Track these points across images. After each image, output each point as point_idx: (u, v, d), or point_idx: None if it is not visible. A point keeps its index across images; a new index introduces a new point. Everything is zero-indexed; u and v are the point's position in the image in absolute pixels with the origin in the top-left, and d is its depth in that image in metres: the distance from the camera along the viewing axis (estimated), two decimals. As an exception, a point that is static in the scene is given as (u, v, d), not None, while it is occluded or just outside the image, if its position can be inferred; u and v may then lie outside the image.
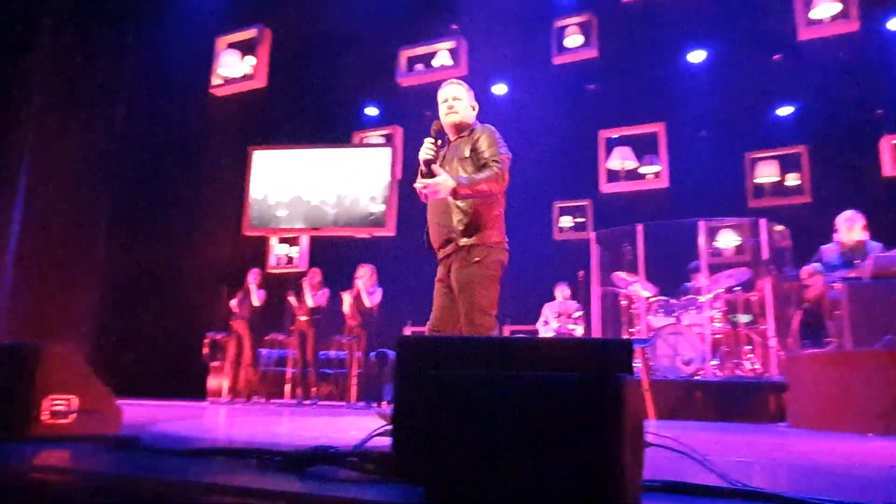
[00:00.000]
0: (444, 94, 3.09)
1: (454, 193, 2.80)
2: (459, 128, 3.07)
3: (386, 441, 1.69)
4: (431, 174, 2.88)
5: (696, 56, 8.49)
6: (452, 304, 3.02)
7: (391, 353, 7.84)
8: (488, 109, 9.78)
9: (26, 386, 2.00)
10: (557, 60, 8.16)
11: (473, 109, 3.11)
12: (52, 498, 1.58)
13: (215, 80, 8.46)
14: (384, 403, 7.42)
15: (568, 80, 8.42)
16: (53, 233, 7.41)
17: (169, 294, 8.59)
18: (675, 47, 8.49)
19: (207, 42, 8.53)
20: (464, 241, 2.91)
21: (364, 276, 7.32)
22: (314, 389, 7.40)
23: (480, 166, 2.91)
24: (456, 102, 3.05)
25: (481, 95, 3.28)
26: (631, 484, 1.12)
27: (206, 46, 8.53)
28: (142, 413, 4.07)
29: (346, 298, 7.36)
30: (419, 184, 2.85)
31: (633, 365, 1.86)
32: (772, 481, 1.91)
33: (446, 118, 3.06)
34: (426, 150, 2.96)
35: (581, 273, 7.27)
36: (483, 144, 2.93)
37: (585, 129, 8.63)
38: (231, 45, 8.45)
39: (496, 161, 2.88)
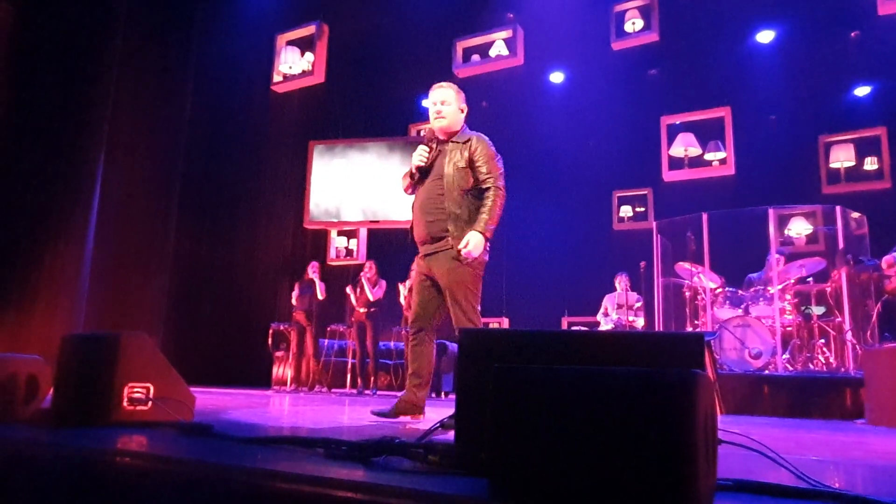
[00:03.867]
0: (433, 97, 3.15)
1: (488, 236, 2.98)
2: (449, 131, 3.13)
3: (448, 433, 1.70)
4: (422, 179, 3.10)
5: (764, 36, 8.13)
6: (433, 299, 3.16)
7: (450, 345, 7.88)
8: (545, 98, 9.73)
9: (108, 374, 2.11)
10: (616, 46, 7.97)
11: (462, 112, 3.18)
12: (133, 481, 1.65)
13: (276, 78, 8.66)
14: (443, 394, 7.47)
15: (628, 66, 8.23)
16: (127, 227, 7.77)
17: (233, 286, 8.89)
18: (741, 27, 8.15)
19: (268, 40, 8.74)
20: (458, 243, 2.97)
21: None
22: (373, 380, 7.52)
23: (479, 181, 3.03)
24: (444, 107, 3.11)
25: (538, 84, 3.29)
26: (704, 483, 1.09)
27: (266, 45, 8.75)
28: (210, 401, 4.23)
29: (403, 290, 7.43)
30: (462, 246, 2.96)
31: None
32: (851, 482, 1.82)
33: (435, 122, 3.13)
34: (419, 156, 3.10)
35: (643, 264, 7.11)
36: (480, 160, 3.03)
37: (646, 116, 8.41)
38: (290, 43, 8.63)
39: (495, 182, 3.01)
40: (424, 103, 3.24)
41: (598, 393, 1.06)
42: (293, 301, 7.91)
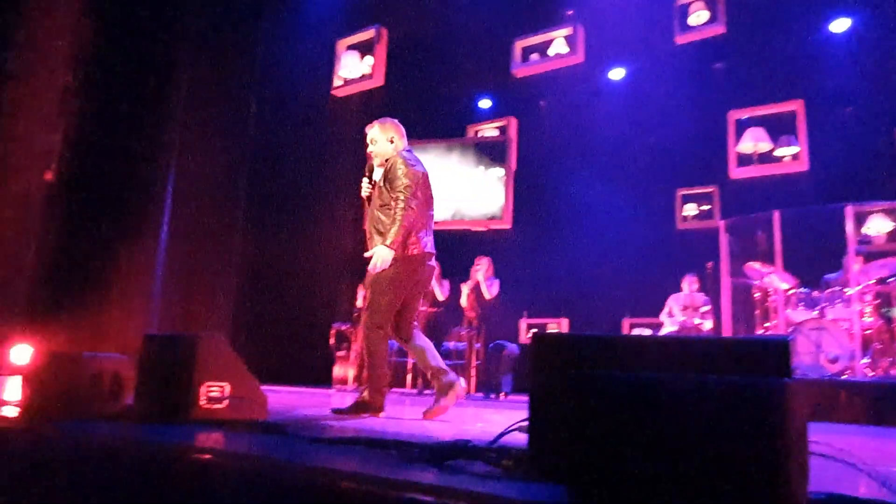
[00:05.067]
0: (368, 138, 3.64)
1: (395, 249, 3.30)
2: (381, 161, 3.57)
3: (520, 437, 1.69)
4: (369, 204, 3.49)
5: (839, 25, 7.73)
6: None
7: (509, 345, 7.84)
8: (605, 96, 9.56)
9: (187, 373, 2.19)
10: (680, 40, 7.73)
11: (392, 142, 3.57)
12: (211, 477, 1.71)
13: (336, 82, 8.82)
14: (502, 395, 7.44)
15: (692, 60, 7.98)
16: (196, 231, 8.07)
17: (296, 286, 9.10)
18: (814, 16, 7.78)
19: (328, 46, 8.91)
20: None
21: (482, 267, 7.36)
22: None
23: (391, 197, 3.36)
24: (373, 146, 3.58)
25: (598, 82, 3.29)
26: (795, 497, 1.04)
27: (327, 50, 8.92)
28: (277, 399, 4.32)
29: (464, 290, 7.44)
30: (369, 254, 3.39)
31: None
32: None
33: (372, 159, 3.62)
34: (364, 188, 3.59)
35: (710, 264, 6.88)
36: (392, 175, 3.39)
37: (712, 112, 8.14)
38: (350, 48, 8.77)
39: (399, 194, 3.31)
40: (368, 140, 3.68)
41: (688, 401, 1.02)
42: (360, 301, 8.03)
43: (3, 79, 6.55)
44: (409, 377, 8.06)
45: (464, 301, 7.46)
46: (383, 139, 3.56)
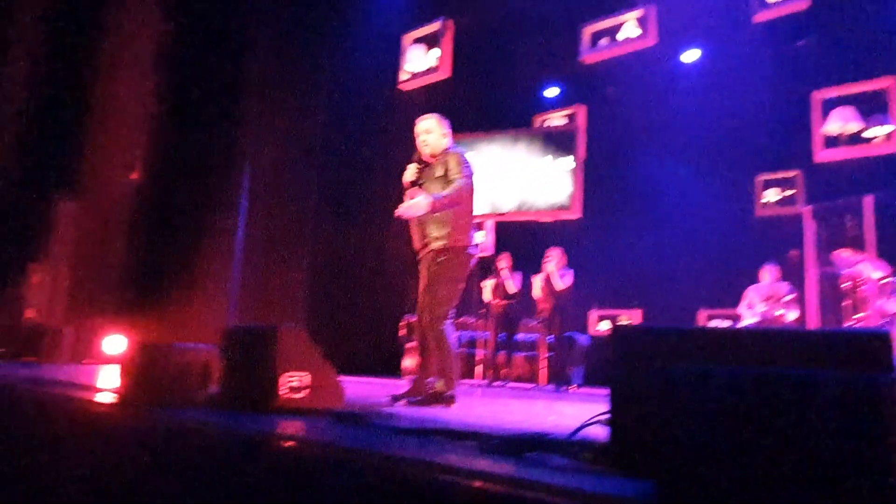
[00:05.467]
0: (418, 128, 3.68)
1: (434, 207, 3.39)
2: (433, 154, 3.62)
3: (597, 431, 1.65)
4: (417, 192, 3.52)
5: (938, -7, 7.17)
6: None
7: (579, 337, 7.73)
8: (679, 79, 9.21)
9: (268, 364, 2.26)
10: (759, 18, 7.35)
11: (445, 137, 3.66)
12: (292, 463, 1.76)
13: (402, 76, 8.89)
14: (573, 387, 7.35)
15: (772, 39, 7.57)
16: (270, 226, 8.34)
17: (366, 279, 9.27)
18: (908, -15, 7.24)
19: (395, 40, 8.98)
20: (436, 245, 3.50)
21: (553, 258, 7.27)
22: (506, 371, 7.54)
23: (448, 184, 3.49)
24: (427, 135, 3.63)
25: (671, 65, 3.18)
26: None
27: (393, 45, 8.99)
28: (350, 389, 4.41)
29: (537, 282, 7.37)
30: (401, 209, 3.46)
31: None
32: None
33: (422, 148, 3.64)
34: (410, 174, 3.60)
35: (794, 252, 6.55)
36: (451, 166, 3.51)
37: (795, 92, 7.71)
38: (416, 41, 8.81)
39: (458, 177, 3.47)
40: (417, 130, 3.69)
41: (789, 397, 0.97)
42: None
43: (91, 85, 6.95)
44: (478, 368, 8.08)
45: (536, 292, 7.40)
46: (438, 132, 3.65)
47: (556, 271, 7.22)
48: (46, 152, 6.62)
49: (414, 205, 3.36)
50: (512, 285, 7.48)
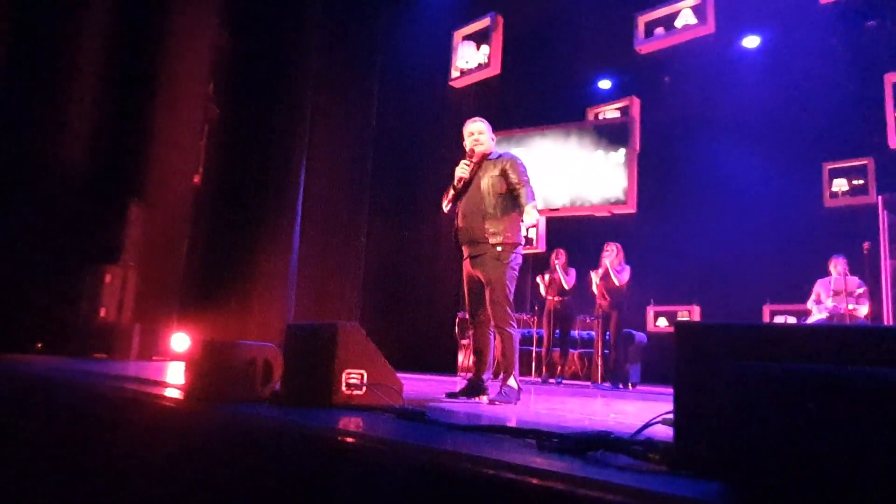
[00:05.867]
0: (469, 129, 3.84)
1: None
2: (484, 153, 3.79)
3: (661, 430, 1.61)
4: (465, 189, 3.73)
5: None
6: (481, 293, 3.70)
7: (637, 334, 7.57)
8: (738, 67, 8.90)
9: (329, 361, 2.30)
10: (825, -1, 7.05)
11: (493, 140, 3.88)
12: (353, 459, 1.78)
13: (453, 74, 8.89)
14: (630, 385, 7.21)
15: (839, 21, 7.23)
16: (325, 227, 8.49)
17: (420, 277, 9.33)
18: None
19: (445, 38, 9.00)
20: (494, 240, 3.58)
21: (611, 253, 7.14)
22: (561, 368, 7.45)
23: (511, 188, 3.64)
24: (480, 136, 3.79)
25: (730, 52, 3.06)
26: None
27: (444, 42, 9.01)
28: (406, 386, 4.45)
29: (594, 278, 7.25)
30: (529, 220, 3.59)
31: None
32: None
33: (475, 147, 3.78)
34: (463, 169, 3.73)
35: (867, 244, 6.24)
36: (511, 172, 3.65)
37: (865, 75, 7.34)
38: (466, 38, 8.80)
39: (525, 185, 3.63)
40: (465, 131, 3.85)
41: (862, 397, 0.92)
42: None
43: (153, 92, 7.22)
44: (532, 365, 8.02)
45: (595, 288, 7.29)
46: (488, 134, 3.84)
47: (613, 266, 7.09)
48: (116, 159, 6.93)
49: (536, 216, 3.56)
50: (565, 282, 7.39)
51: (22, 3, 6.58)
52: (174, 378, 3.49)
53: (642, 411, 3.45)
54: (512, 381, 3.54)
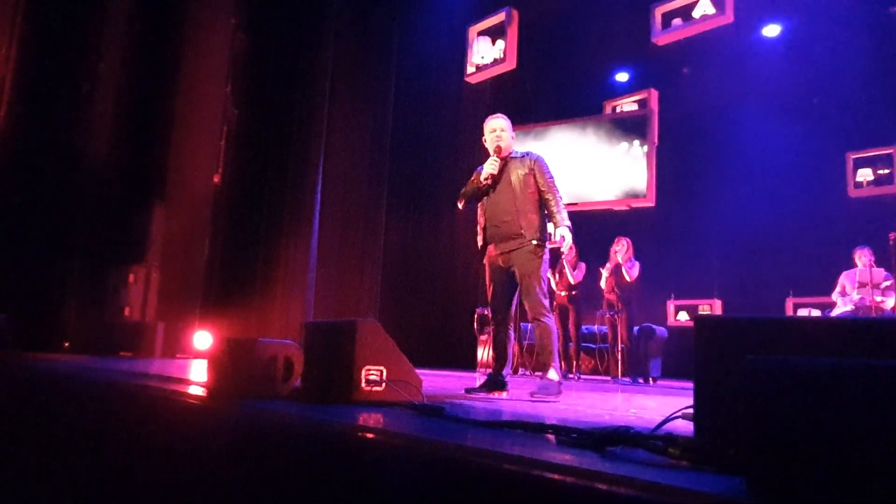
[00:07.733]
0: (492, 125, 3.87)
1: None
2: (506, 151, 3.82)
3: (681, 425, 1.60)
4: (494, 186, 3.76)
5: None
6: (509, 290, 3.82)
7: (657, 329, 7.52)
8: (758, 56, 8.78)
9: (348, 357, 2.32)
10: (848, -15, 6.91)
11: (512, 139, 3.90)
12: (373, 454, 1.79)
13: (469, 69, 8.87)
14: (651, 380, 7.16)
15: (863, 6, 7.10)
16: (344, 225, 8.54)
17: (438, 273, 9.34)
18: None
19: (460, 33, 8.98)
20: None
21: (622, 249, 7.10)
22: (576, 363, 7.43)
23: (540, 189, 3.74)
24: (503, 133, 3.82)
25: (750, 42, 3.01)
26: None
27: (459, 38, 8.99)
28: (426, 382, 4.46)
29: (604, 273, 7.21)
30: (567, 249, 3.79)
31: None
32: None
33: (497, 143, 3.80)
34: (493, 166, 3.74)
35: (893, 235, 6.12)
36: (539, 173, 3.75)
37: (888, 63, 7.20)
38: (482, 33, 8.77)
39: (554, 190, 3.74)
40: (486, 128, 3.87)
41: (889, 392, 0.91)
42: None
43: (174, 94, 7.31)
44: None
45: (604, 283, 7.24)
46: (510, 132, 3.87)
47: (623, 262, 7.04)
48: (139, 161, 7.03)
49: (569, 238, 3.69)
50: (571, 277, 7.33)
51: (46, 14, 6.68)
52: (197, 376, 3.53)
53: (663, 406, 3.42)
54: (552, 374, 3.60)
